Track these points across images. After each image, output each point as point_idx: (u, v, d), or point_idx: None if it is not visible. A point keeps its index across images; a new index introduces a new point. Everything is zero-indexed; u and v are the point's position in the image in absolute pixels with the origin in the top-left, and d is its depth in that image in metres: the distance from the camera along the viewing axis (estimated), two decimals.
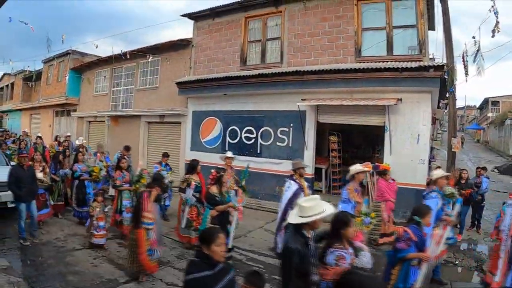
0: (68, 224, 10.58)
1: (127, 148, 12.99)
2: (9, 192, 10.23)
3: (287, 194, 8.14)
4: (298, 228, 4.17)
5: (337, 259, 4.27)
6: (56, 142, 17.23)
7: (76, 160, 11.16)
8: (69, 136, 18.59)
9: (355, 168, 7.83)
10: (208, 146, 16.56)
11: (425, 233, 5.45)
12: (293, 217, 4.26)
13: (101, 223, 8.62)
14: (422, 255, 5.08)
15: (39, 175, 9.75)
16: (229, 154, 10.86)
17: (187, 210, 8.73)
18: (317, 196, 4.49)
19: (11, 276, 6.53)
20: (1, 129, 32.22)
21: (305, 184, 8.59)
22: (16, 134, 22.87)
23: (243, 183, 9.14)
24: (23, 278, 6.67)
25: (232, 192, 8.62)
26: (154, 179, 7.80)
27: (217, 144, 16.28)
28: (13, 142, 17.96)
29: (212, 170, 7.75)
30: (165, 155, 12.40)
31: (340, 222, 4.41)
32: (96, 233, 8.52)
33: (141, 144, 20.11)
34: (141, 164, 10.34)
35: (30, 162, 9.72)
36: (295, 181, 8.28)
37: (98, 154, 13.12)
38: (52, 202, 10.81)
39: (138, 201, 7.30)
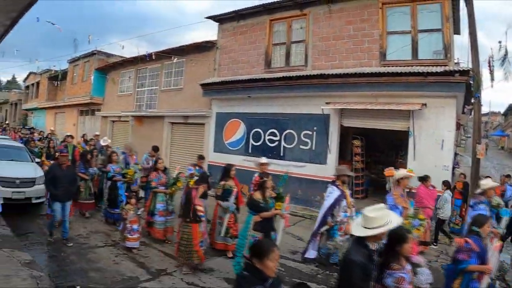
0: (91, 222, 10.69)
1: (155, 149, 12.87)
2: (34, 188, 10.69)
3: (328, 200, 8.01)
4: (361, 240, 3.94)
5: (396, 282, 3.92)
6: (82, 140, 17.50)
7: (110, 160, 11.01)
8: (98, 135, 18.65)
9: (401, 173, 7.80)
10: (231, 148, 16.73)
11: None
12: (357, 229, 4.02)
13: (135, 226, 8.46)
14: (484, 267, 4.93)
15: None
16: (264, 160, 10.34)
17: (227, 218, 8.33)
18: (382, 205, 4.27)
19: (34, 271, 6.61)
20: (27, 127, 32.87)
21: (348, 191, 8.40)
22: (43, 132, 23.01)
23: (281, 190, 8.53)
24: (45, 272, 6.79)
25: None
26: (202, 178, 8.25)
27: (240, 146, 16.44)
28: (40, 140, 18.21)
29: (255, 175, 7.73)
30: (201, 157, 11.62)
31: (396, 238, 4.08)
32: (129, 236, 8.38)
33: (164, 144, 20.34)
34: (178, 168, 10.06)
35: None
36: (337, 187, 8.10)
37: (128, 155, 12.78)
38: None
39: (187, 197, 7.52)
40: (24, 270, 6.65)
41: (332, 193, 8.00)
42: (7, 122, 41.22)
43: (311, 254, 8.35)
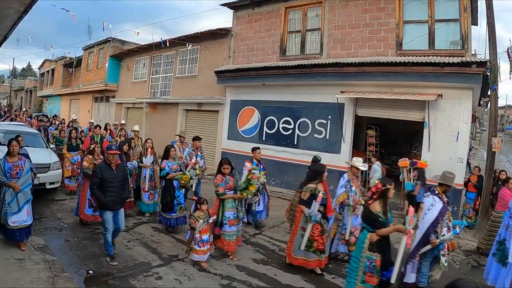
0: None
1: (197, 138, 11.33)
2: (48, 174, 10.83)
3: (430, 214, 6.44)
4: None
5: None
6: (107, 131, 15.34)
7: (166, 156, 9.28)
8: (124, 124, 16.98)
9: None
10: (245, 136, 16.79)
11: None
12: None
13: (205, 237, 7.21)
14: None
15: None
16: (360, 163, 8.18)
17: (310, 228, 6.90)
18: None
19: (47, 255, 6.81)
20: (40, 113, 33.07)
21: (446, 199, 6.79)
22: (64, 119, 21.22)
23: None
24: (58, 257, 6.90)
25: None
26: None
27: (254, 134, 16.49)
28: (57, 129, 16.27)
29: (377, 181, 6.01)
30: (255, 149, 10.19)
31: None
32: (198, 248, 7.09)
33: (178, 131, 20.40)
34: (248, 166, 8.70)
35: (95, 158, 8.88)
36: (439, 197, 6.55)
37: (178, 143, 11.65)
38: None
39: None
40: (37, 254, 6.85)
41: (434, 205, 6.47)
42: (24, 109, 41.56)
43: (411, 278, 6.76)
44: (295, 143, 15.03)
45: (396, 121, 13.70)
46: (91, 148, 9.41)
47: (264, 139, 15.98)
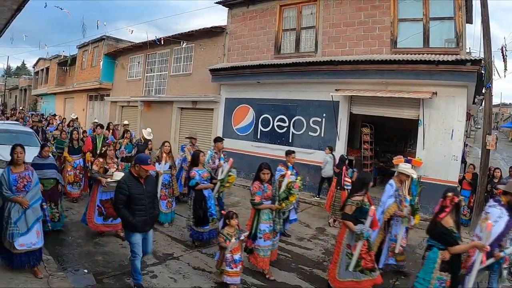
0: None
1: (219, 139, 10.22)
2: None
3: (498, 226, 5.77)
4: None
5: None
6: (110, 131, 14.13)
7: (196, 162, 8.13)
8: (128, 124, 15.68)
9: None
10: (240, 134, 16.80)
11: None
12: None
13: (237, 256, 6.16)
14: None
15: (120, 174, 7.65)
16: (410, 170, 7.47)
17: (360, 246, 5.82)
18: None
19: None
20: (35, 112, 32.97)
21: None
22: (65, 118, 20.20)
23: (416, 200, 7.29)
24: (53, 256, 6.86)
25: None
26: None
27: (249, 132, 16.49)
28: (57, 129, 15.55)
29: (450, 194, 5.34)
30: (290, 153, 9.13)
31: None
32: (230, 270, 6.10)
33: (173, 129, 20.47)
34: (288, 174, 7.47)
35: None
36: (506, 208, 5.94)
37: (188, 147, 11.05)
38: None
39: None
40: None
41: (502, 217, 5.86)
42: (21, 107, 41.38)
43: None
44: (290, 141, 15.02)
45: (391, 119, 13.73)
46: (103, 151, 8.73)
47: (258, 137, 15.98)
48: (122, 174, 7.56)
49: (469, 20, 13.95)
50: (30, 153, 10.27)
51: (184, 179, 10.64)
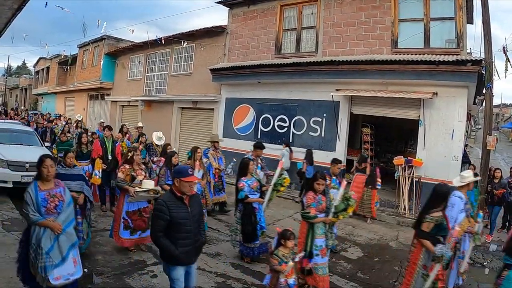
0: (98, 205, 10.17)
1: (259, 146, 9.40)
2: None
3: None
4: None
5: None
6: (124, 135, 12.81)
7: (244, 172, 7.45)
8: (142, 127, 14.30)
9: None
10: (240, 133, 16.78)
11: None
12: None
13: (291, 281, 5.22)
14: None
15: (150, 183, 7.33)
16: (473, 177, 6.98)
17: (437, 268, 5.11)
18: None
19: None
20: (35, 111, 32.98)
21: None
22: (70, 119, 20.15)
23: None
24: None
25: None
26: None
27: (249, 132, 16.48)
28: (63, 131, 14.13)
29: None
30: (337, 162, 8.46)
31: None
32: None
33: (173, 129, 20.46)
34: (344, 183, 6.65)
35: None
36: None
37: (212, 152, 10.49)
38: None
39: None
40: None
41: None
42: (24, 108, 41.39)
43: None
44: (290, 140, 14.96)
45: (391, 119, 13.75)
46: (128, 156, 7.67)
47: (259, 137, 15.94)
48: (152, 182, 7.30)
49: (470, 20, 13.94)
50: (32, 153, 10.39)
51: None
